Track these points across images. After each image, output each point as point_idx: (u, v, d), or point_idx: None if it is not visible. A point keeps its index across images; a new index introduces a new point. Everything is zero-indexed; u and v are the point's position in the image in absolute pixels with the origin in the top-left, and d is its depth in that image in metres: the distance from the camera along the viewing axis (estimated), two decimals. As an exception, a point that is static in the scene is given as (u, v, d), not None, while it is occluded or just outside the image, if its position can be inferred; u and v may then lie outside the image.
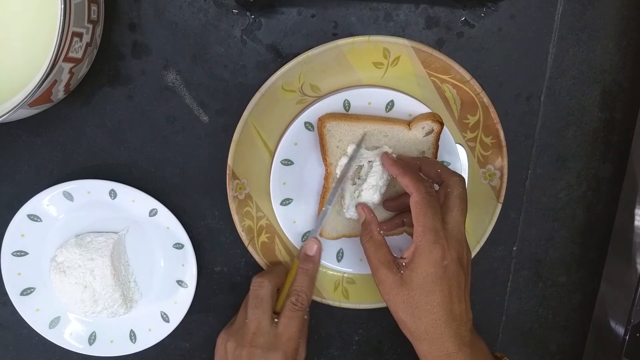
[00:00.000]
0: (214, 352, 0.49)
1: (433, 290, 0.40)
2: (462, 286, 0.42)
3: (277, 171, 0.48)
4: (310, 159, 0.49)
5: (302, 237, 0.50)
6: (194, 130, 0.50)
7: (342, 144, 0.47)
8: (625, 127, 0.53)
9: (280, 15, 0.48)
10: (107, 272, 0.49)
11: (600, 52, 0.51)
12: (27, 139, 0.50)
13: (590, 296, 0.55)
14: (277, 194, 0.49)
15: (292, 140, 0.47)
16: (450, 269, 0.40)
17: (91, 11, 0.41)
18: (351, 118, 0.46)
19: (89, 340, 0.53)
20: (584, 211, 0.55)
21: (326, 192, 0.48)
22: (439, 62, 0.47)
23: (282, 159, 0.48)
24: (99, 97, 0.49)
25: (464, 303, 0.42)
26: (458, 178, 0.43)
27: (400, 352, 0.57)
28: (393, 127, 0.47)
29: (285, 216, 0.50)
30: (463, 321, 0.41)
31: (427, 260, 0.40)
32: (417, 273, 0.41)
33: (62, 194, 0.49)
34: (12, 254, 0.50)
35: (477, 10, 0.49)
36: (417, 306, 0.41)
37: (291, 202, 0.49)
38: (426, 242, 0.40)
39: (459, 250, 0.41)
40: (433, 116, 0.46)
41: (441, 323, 0.41)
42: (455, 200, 0.42)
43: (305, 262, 0.49)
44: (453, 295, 0.41)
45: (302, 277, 0.48)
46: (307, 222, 0.50)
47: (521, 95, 0.51)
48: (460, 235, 0.42)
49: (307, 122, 0.47)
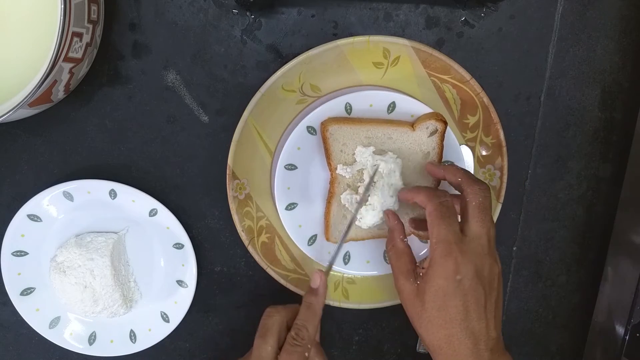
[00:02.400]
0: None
1: (446, 305, 0.39)
2: (482, 303, 0.39)
3: (281, 176, 0.47)
4: (313, 162, 0.48)
5: (308, 241, 0.50)
6: (194, 130, 0.50)
7: (346, 148, 0.47)
8: (625, 127, 0.53)
9: (280, 15, 0.48)
10: (107, 272, 0.49)
11: (600, 52, 0.51)
12: (27, 139, 0.50)
13: (590, 296, 0.55)
14: (282, 199, 0.48)
15: (295, 144, 0.47)
16: (464, 284, 0.38)
17: (91, 11, 0.41)
18: (354, 121, 0.46)
19: (89, 340, 0.53)
20: (584, 211, 0.55)
21: (332, 197, 0.48)
22: (439, 62, 0.47)
23: (286, 164, 0.47)
24: (99, 97, 0.49)
25: (484, 321, 0.39)
26: (478, 187, 0.41)
27: (400, 352, 0.57)
28: (397, 129, 0.46)
29: (291, 221, 0.49)
30: (482, 340, 0.39)
31: (438, 274, 0.39)
32: (430, 286, 0.39)
33: (62, 194, 0.49)
34: (12, 254, 0.50)
35: (477, 10, 0.49)
36: (430, 320, 0.39)
37: (296, 207, 0.49)
38: (438, 255, 0.39)
39: (478, 264, 0.39)
40: (436, 115, 0.46)
41: (455, 340, 0.39)
42: (474, 211, 0.40)
43: (308, 295, 0.46)
44: (470, 312, 0.39)
45: (304, 311, 0.45)
46: (313, 225, 0.49)
47: (521, 95, 0.51)
48: (480, 249, 0.39)
49: (310, 126, 0.47)
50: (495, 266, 0.40)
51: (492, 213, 0.42)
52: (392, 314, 0.56)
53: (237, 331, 0.55)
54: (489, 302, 0.40)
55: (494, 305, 0.40)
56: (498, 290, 0.41)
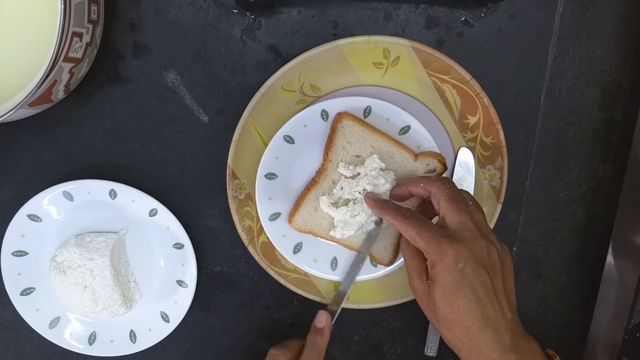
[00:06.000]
0: None
1: (456, 298, 0.39)
2: (489, 286, 0.39)
3: (276, 144, 0.47)
4: (311, 145, 0.48)
5: (293, 250, 0.49)
6: (194, 130, 0.50)
7: (350, 146, 0.47)
8: (625, 127, 0.53)
9: (280, 15, 0.48)
10: (106, 272, 0.49)
11: (600, 52, 0.51)
12: (27, 139, 0.50)
13: (590, 296, 0.55)
14: (266, 165, 0.48)
15: (303, 121, 0.47)
16: (467, 271, 0.38)
17: (91, 11, 0.41)
18: (368, 126, 0.46)
19: (89, 340, 0.53)
20: (584, 211, 0.55)
21: (313, 185, 0.48)
22: (439, 62, 0.47)
23: (286, 135, 0.47)
24: (99, 97, 0.49)
25: (497, 304, 0.39)
26: (440, 182, 0.42)
27: (400, 352, 0.57)
28: (401, 152, 0.47)
29: (264, 189, 0.48)
30: (500, 324, 0.39)
31: (442, 270, 0.39)
32: (437, 284, 0.39)
33: (62, 194, 0.49)
34: (12, 254, 0.50)
35: (477, 10, 0.49)
36: (445, 316, 0.39)
37: (275, 178, 0.48)
38: (434, 253, 0.39)
39: (474, 249, 0.39)
40: (440, 157, 0.47)
41: (474, 330, 0.38)
42: (446, 204, 0.41)
43: (313, 334, 0.47)
44: (481, 298, 0.38)
45: (309, 350, 0.46)
46: (282, 203, 0.49)
47: (521, 95, 0.51)
48: (468, 234, 0.40)
49: (325, 110, 0.47)
50: (492, 248, 0.40)
51: (478, 204, 0.42)
52: (392, 314, 0.56)
53: (237, 331, 0.55)
54: (496, 284, 0.39)
55: (501, 286, 0.40)
56: (502, 272, 0.40)
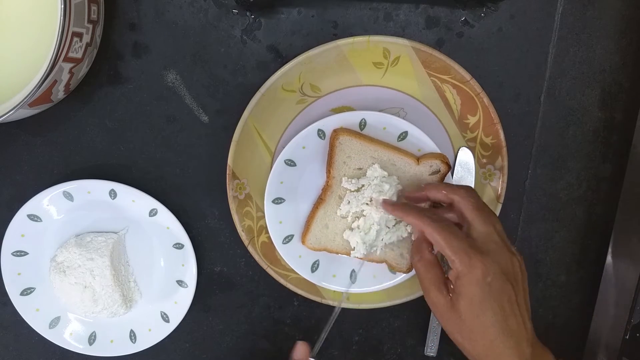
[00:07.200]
0: None
1: (483, 311, 0.38)
2: (514, 299, 0.39)
3: (279, 170, 0.48)
4: (312, 165, 0.48)
5: (283, 239, 0.49)
6: (194, 130, 0.50)
7: (350, 161, 0.47)
8: (625, 127, 0.53)
9: (280, 15, 0.48)
10: (106, 272, 0.49)
11: (600, 52, 0.51)
12: (27, 139, 0.50)
13: (590, 296, 0.55)
14: (272, 192, 0.48)
15: (302, 143, 0.47)
16: (495, 285, 0.38)
17: (91, 11, 0.41)
18: (365, 138, 0.46)
19: (89, 340, 0.53)
20: (584, 211, 0.55)
21: (320, 203, 0.48)
22: (439, 62, 0.47)
23: (287, 159, 0.47)
24: (99, 97, 0.49)
25: (520, 317, 0.39)
26: (464, 190, 0.41)
27: (400, 352, 0.57)
28: (402, 158, 0.47)
29: (274, 214, 0.49)
30: (522, 336, 0.39)
31: (469, 282, 0.38)
32: (464, 296, 0.39)
33: (62, 194, 0.49)
34: (12, 254, 0.50)
35: (477, 10, 0.49)
36: (471, 329, 0.39)
37: (283, 202, 0.49)
38: (462, 265, 0.38)
39: (500, 261, 0.39)
40: (442, 157, 0.46)
41: (498, 343, 0.39)
42: (472, 213, 0.40)
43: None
44: (506, 311, 0.39)
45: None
46: (292, 225, 0.49)
47: (521, 95, 0.51)
48: (494, 245, 0.39)
49: (320, 129, 0.47)
50: (515, 259, 0.40)
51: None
52: (392, 314, 0.56)
53: (237, 331, 0.55)
54: (519, 297, 0.40)
55: (523, 299, 0.40)
56: (523, 283, 0.41)
